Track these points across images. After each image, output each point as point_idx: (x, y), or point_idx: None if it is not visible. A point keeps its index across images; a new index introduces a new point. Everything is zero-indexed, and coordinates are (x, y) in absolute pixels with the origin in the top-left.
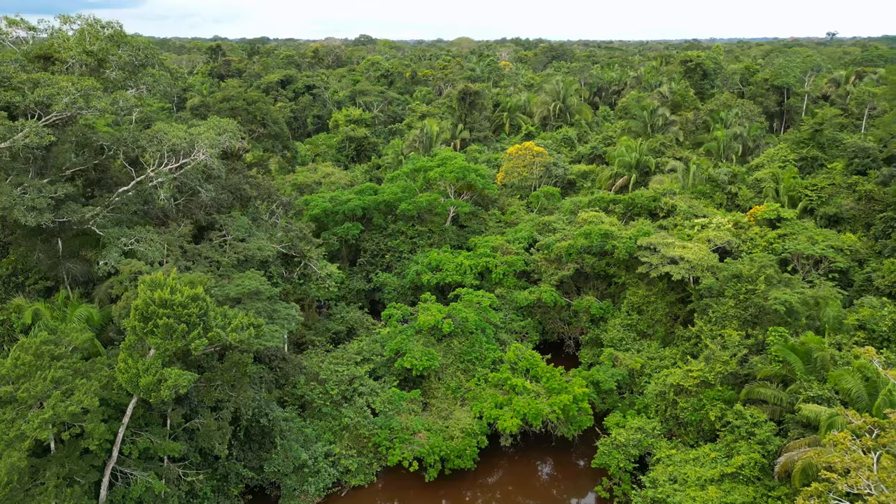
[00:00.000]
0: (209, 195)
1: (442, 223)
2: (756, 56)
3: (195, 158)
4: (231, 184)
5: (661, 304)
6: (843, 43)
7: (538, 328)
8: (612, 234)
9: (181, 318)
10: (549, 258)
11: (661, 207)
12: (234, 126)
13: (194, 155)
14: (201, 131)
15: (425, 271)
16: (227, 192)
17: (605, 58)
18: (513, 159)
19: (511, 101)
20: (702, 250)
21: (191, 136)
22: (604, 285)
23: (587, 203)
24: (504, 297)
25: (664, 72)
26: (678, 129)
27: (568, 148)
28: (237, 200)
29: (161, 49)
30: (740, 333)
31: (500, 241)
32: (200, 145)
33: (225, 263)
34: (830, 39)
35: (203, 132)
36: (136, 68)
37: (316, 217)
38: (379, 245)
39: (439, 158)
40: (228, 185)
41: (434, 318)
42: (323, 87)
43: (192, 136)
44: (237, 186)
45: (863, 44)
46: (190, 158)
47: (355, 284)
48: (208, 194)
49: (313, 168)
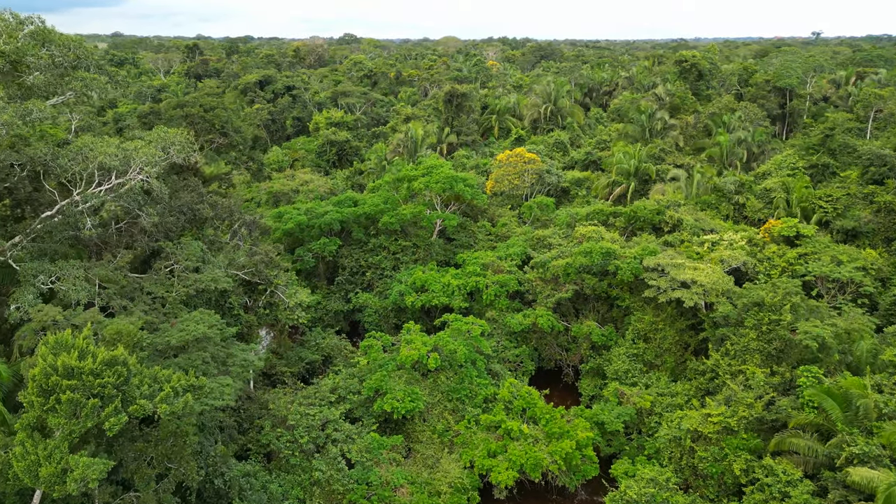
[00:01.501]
0: (151, 220)
1: (428, 237)
2: (746, 56)
3: (131, 179)
4: (182, 204)
5: (669, 331)
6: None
7: (533, 356)
8: (616, 254)
9: (92, 390)
10: (544, 278)
11: (665, 221)
12: (183, 137)
13: (130, 174)
14: (138, 146)
15: (409, 292)
16: (178, 214)
17: (594, 57)
18: (503, 167)
19: (500, 103)
20: (715, 273)
21: (125, 153)
22: (605, 308)
23: (585, 216)
24: (496, 321)
25: (657, 72)
26: (678, 134)
27: (560, 153)
28: (190, 223)
29: (138, 48)
30: (764, 370)
31: (490, 257)
32: (137, 163)
33: (171, 300)
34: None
35: (140, 147)
36: (65, 71)
37: (290, 232)
38: (359, 261)
39: (424, 167)
40: (179, 206)
41: (418, 353)
42: (303, 88)
43: (127, 152)
44: (190, 206)
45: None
46: (125, 178)
47: (333, 305)
48: (150, 219)
49: (291, 175)
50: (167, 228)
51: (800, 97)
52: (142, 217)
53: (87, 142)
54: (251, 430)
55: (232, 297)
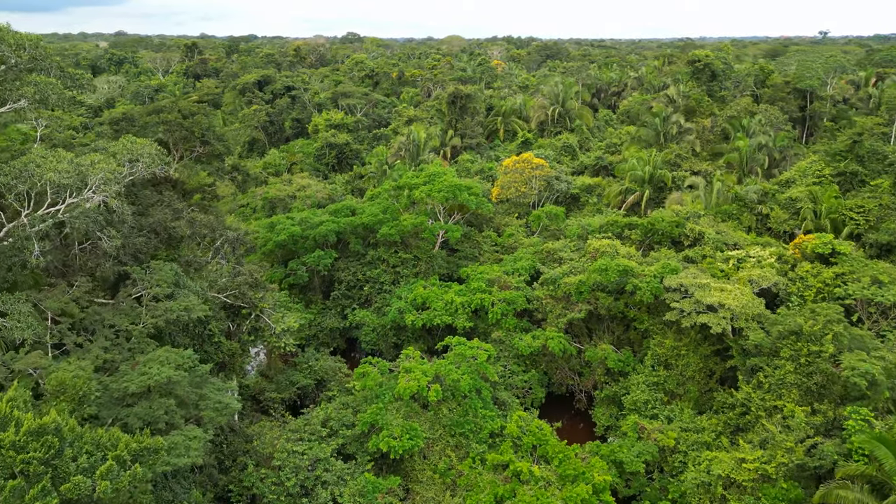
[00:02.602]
0: (114, 243)
1: (429, 249)
2: (756, 56)
3: (88, 198)
4: (155, 222)
5: (693, 357)
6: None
7: (543, 380)
8: (633, 271)
9: (14, 467)
10: (555, 295)
11: (685, 234)
12: (152, 148)
13: (87, 193)
14: (95, 160)
15: (409, 310)
16: (149, 234)
17: (601, 57)
18: (509, 173)
19: (505, 104)
20: (745, 295)
21: (79, 169)
22: (621, 329)
23: (598, 228)
24: (502, 343)
25: (667, 72)
26: (694, 139)
27: (569, 157)
28: (165, 242)
29: (139, 47)
30: (804, 408)
31: (496, 272)
32: (94, 181)
33: (137, 333)
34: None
35: (98, 162)
36: (18, 74)
37: (283, 243)
38: (356, 275)
39: (426, 174)
40: (151, 224)
41: (417, 384)
42: (303, 89)
43: (82, 168)
44: (164, 225)
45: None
46: (80, 198)
47: (328, 322)
48: (112, 242)
49: (288, 179)
50: (136, 250)
51: (820, 99)
52: (103, 240)
53: (34, 156)
54: (234, 469)
55: (212, 324)
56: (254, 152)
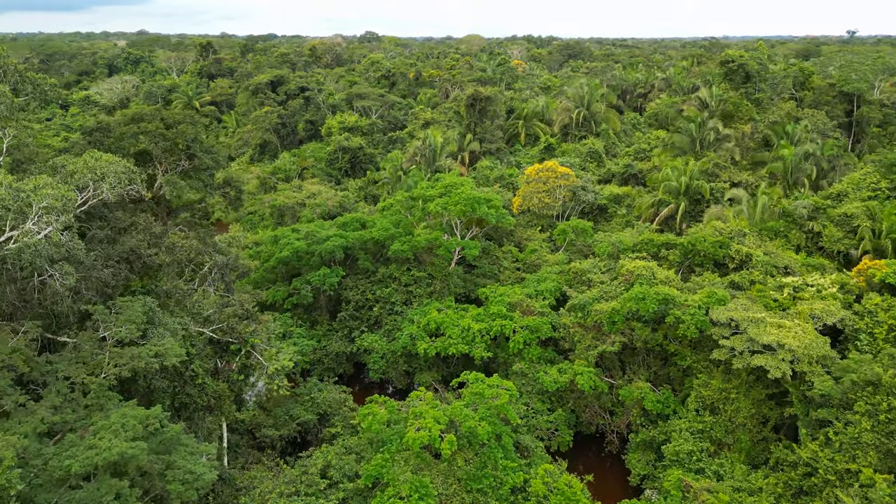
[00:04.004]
0: (67, 282)
1: (445, 266)
2: (787, 56)
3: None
4: (126, 250)
5: (744, 402)
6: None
7: (570, 419)
8: (675, 301)
9: None
10: (584, 324)
11: (730, 256)
12: (119, 166)
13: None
14: (39, 185)
15: (422, 336)
16: (120, 264)
17: (625, 57)
18: (532, 182)
19: (527, 107)
20: (807, 333)
21: (17, 197)
22: (658, 363)
23: (631, 246)
24: (525, 376)
25: (697, 73)
26: (733, 146)
27: (595, 163)
28: (140, 272)
29: (156, 46)
30: (886, 477)
31: (518, 294)
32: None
33: (96, 387)
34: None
35: (43, 187)
36: None
37: (286, 260)
38: (365, 294)
39: (441, 186)
40: (121, 253)
41: (428, 434)
42: (317, 90)
43: (21, 196)
44: (138, 252)
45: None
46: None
47: (334, 346)
48: (66, 280)
49: (298, 185)
50: (103, 283)
51: (868, 104)
52: (56, 277)
53: None
54: None
55: (195, 363)
56: (265, 155)
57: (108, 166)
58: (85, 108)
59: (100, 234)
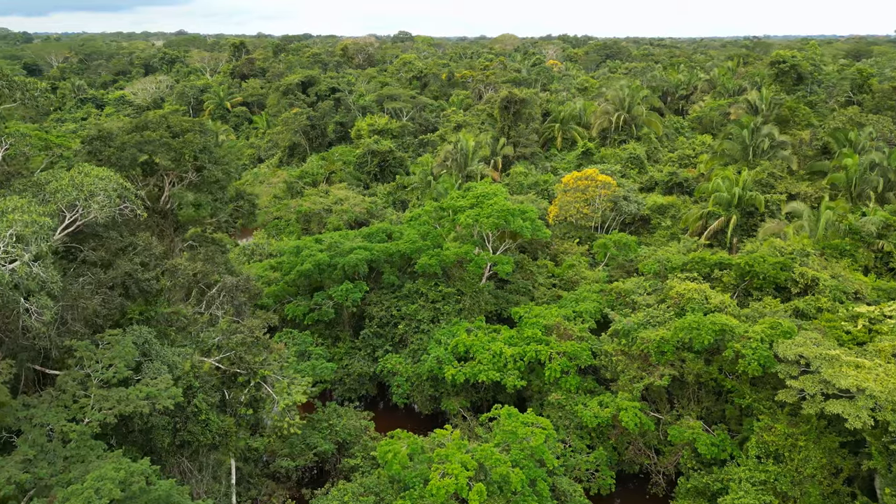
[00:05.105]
0: (44, 318)
1: (475, 282)
2: (836, 56)
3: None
4: (117, 276)
5: (814, 450)
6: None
7: (612, 458)
8: (734, 332)
9: None
10: (629, 352)
11: (794, 280)
12: (112, 183)
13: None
14: (8, 208)
15: (449, 360)
16: (110, 291)
17: (664, 57)
18: (569, 191)
19: (564, 109)
20: (891, 376)
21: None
22: (711, 399)
23: (680, 265)
24: (562, 408)
25: (743, 74)
26: (790, 154)
27: (636, 170)
28: (136, 298)
29: (191, 46)
30: None
31: (555, 315)
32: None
33: (76, 435)
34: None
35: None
36: None
37: (307, 273)
38: (390, 311)
39: (473, 196)
40: (111, 279)
41: (455, 482)
42: (348, 91)
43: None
44: (135, 278)
45: None
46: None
47: (356, 366)
48: (42, 316)
49: (325, 190)
50: (93, 313)
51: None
52: (31, 312)
53: None
54: None
55: (198, 397)
56: (294, 157)
57: (96, 182)
58: (119, 107)
59: (92, 256)
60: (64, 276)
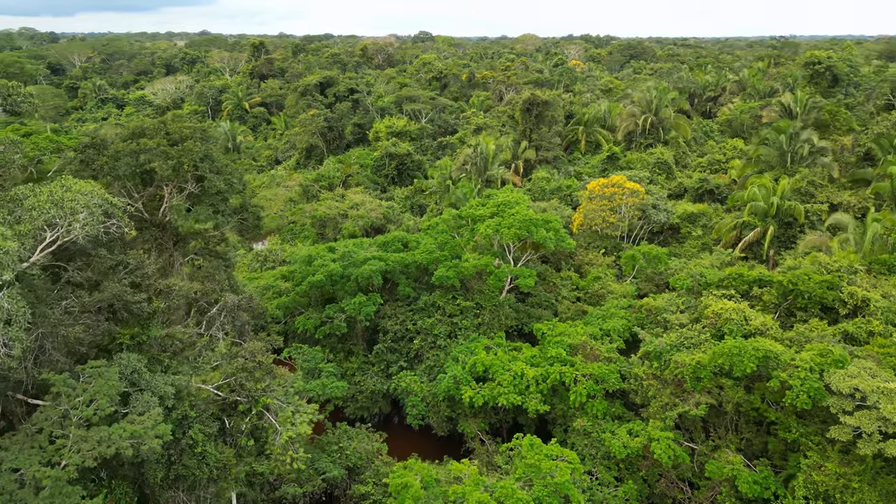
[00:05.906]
0: (13, 352)
1: (495, 296)
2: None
3: None
4: (103, 299)
5: (869, 493)
6: None
7: (643, 491)
8: (779, 359)
9: None
10: (661, 377)
11: (842, 300)
12: (97, 198)
13: None
14: None
15: (467, 380)
16: (96, 316)
17: (690, 57)
18: (595, 199)
19: (588, 111)
20: None
21: None
22: (752, 429)
23: (716, 282)
24: (588, 436)
25: (774, 75)
26: (831, 161)
27: (664, 175)
28: (126, 322)
29: (212, 46)
30: None
31: (580, 334)
32: None
33: (50, 482)
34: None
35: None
36: None
37: (319, 284)
38: (405, 324)
39: (493, 204)
40: (97, 302)
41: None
42: (366, 92)
43: None
44: (124, 301)
45: None
46: None
47: (369, 383)
48: (11, 351)
49: (341, 194)
50: (74, 341)
51: None
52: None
53: None
54: None
55: (194, 428)
56: (311, 160)
57: (78, 199)
58: (139, 107)
59: (77, 277)
60: (42, 301)
